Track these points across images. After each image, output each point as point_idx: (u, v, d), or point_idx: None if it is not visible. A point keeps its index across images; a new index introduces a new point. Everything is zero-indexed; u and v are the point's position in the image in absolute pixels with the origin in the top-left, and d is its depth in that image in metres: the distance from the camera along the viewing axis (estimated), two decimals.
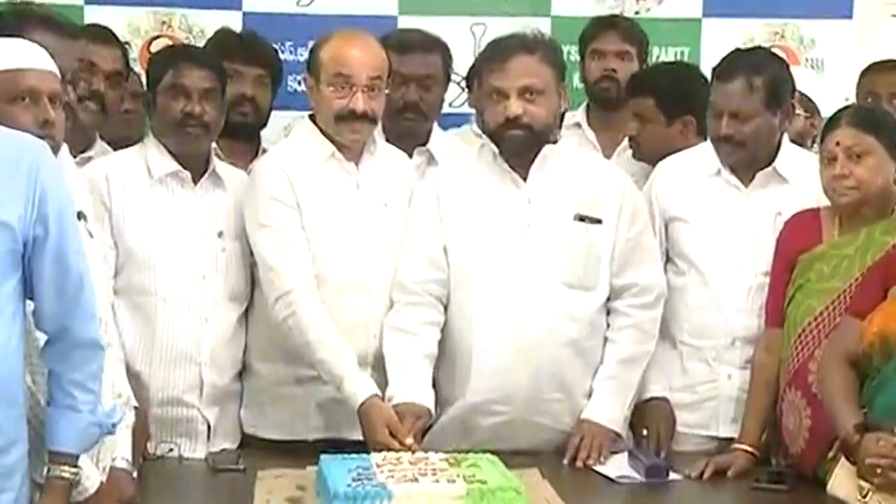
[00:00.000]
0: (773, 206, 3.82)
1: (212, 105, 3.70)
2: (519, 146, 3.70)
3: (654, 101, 4.25)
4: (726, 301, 3.82)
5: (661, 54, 5.25)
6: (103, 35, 4.14)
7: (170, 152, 3.72)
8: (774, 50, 4.62)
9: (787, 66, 3.96)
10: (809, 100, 4.49)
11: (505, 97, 3.65)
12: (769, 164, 3.84)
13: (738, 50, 4.05)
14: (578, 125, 4.58)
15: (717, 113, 3.81)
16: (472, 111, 4.74)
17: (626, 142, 4.49)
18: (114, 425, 2.85)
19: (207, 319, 3.70)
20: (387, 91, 3.79)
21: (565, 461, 3.64)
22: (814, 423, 3.45)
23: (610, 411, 3.73)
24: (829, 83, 5.25)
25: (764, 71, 3.78)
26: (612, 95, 4.53)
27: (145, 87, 3.87)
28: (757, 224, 3.83)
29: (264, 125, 4.35)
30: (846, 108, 3.79)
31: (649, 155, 4.20)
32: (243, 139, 4.24)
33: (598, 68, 4.53)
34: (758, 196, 3.85)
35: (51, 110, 2.91)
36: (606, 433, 3.70)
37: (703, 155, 3.92)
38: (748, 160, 3.83)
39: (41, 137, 2.83)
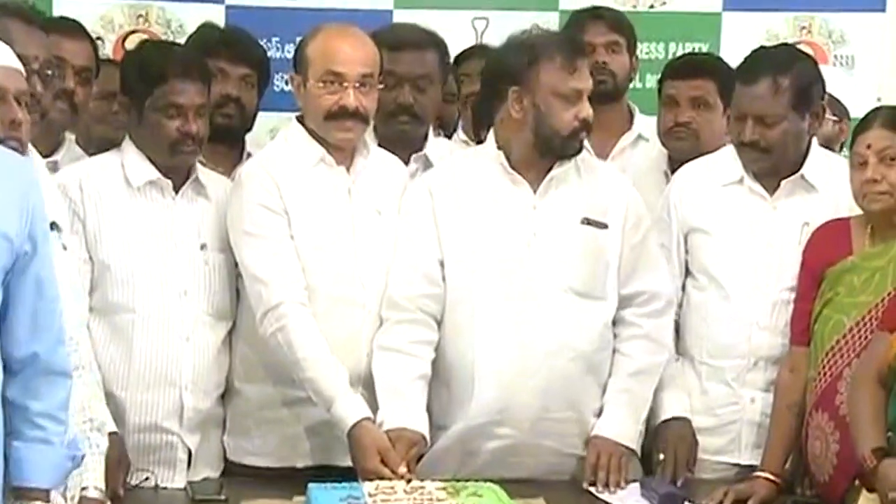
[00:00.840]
0: (801, 216, 3.82)
1: (204, 119, 3.71)
2: (576, 152, 3.76)
3: (717, 85, 4.25)
4: (749, 318, 3.82)
5: (679, 51, 5.26)
6: (71, 28, 4.13)
7: (150, 160, 3.71)
8: (801, 46, 4.63)
9: (816, 64, 3.95)
10: (838, 102, 4.49)
11: (580, 100, 3.70)
12: (796, 170, 3.83)
13: (761, 48, 4.03)
14: None
15: (740, 116, 3.79)
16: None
17: (623, 143, 4.51)
18: (83, 457, 2.85)
19: (189, 339, 3.70)
20: (380, 86, 3.79)
21: (585, 485, 3.64)
22: (842, 448, 3.44)
23: (622, 426, 3.74)
24: (860, 82, 5.26)
25: (791, 70, 3.76)
26: (610, 89, 4.49)
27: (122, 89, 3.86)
28: (782, 235, 3.82)
29: (249, 128, 4.33)
30: (878, 108, 3.80)
31: (705, 144, 4.19)
32: (227, 143, 4.21)
33: (588, 63, 4.47)
34: (784, 205, 3.84)
35: (18, 110, 2.92)
36: (622, 450, 3.70)
37: (724, 161, 3.92)
38: (774, 167, 3.82)
39: (3, 140, 2.85)
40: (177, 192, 3.74)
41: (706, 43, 5.27)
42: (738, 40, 5.10)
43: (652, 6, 5.27)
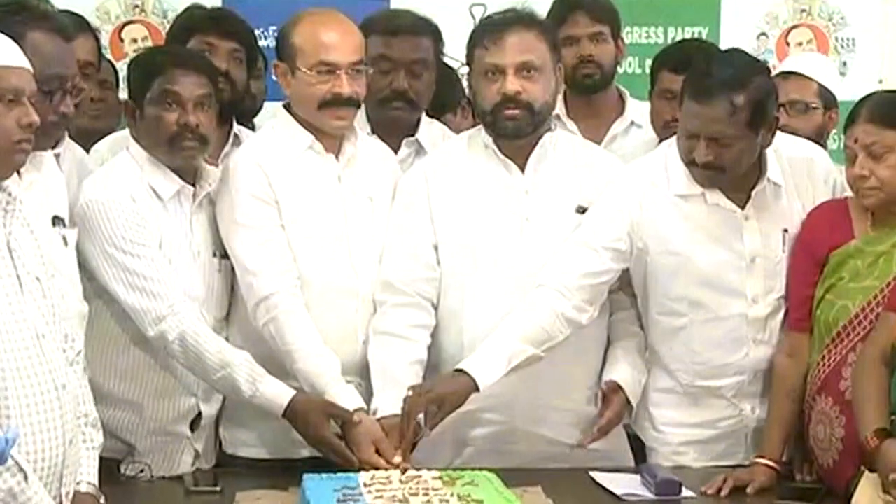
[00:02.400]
0: (778, 223, 3.69)
1: (207, 115, 3.67)
2: (517, 127, 3.69)
3: None
4: (743, 336, 3.71)
5: (678, 35, 5.25)
6: (76, 23, 4.12)
7: (166, 165, 3.67)
8: (802, 29, 4.61)
9: (769, 73, 3.81)
10: (827, 91, 4.40)
11: (501, 74, 3.65)
12: (759, 175, 3.67)
13: (710, 58, 3.77)
14: (558, 117, 4.37)
15: (691, 135, 3.58)
16: None
17: (615, 130, 4.47)
18: (7, 440, 2.65)
19: None
20: (369, 70, 3.78)
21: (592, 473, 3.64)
22: (847, 433, 3.42)
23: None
24: (861, 64, 5.23)
25: (746, 87, 3.54)
26: (597, 81, 4.47)
27: (117, 85, 3.84)
28: (764, 246, 3.68)
29: (238, 106, 4.26)
30: (866, 99, 3.66)
31: None
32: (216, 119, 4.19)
33: (573, 55, 4.41)
34: (757, 215, 3.68)
35: (33, 112, 2.90)
36: None
37: (674, 168, 3.69)
38: (728, 183, 3.65)
39: (18, 142, 2.86)
40: (194, 199, 3.71)
41: (706, 27, 5.27)
42: (737, 24, 5.08)
43: None
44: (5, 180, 2.88)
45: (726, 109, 3.51)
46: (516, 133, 3.70)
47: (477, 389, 3.53)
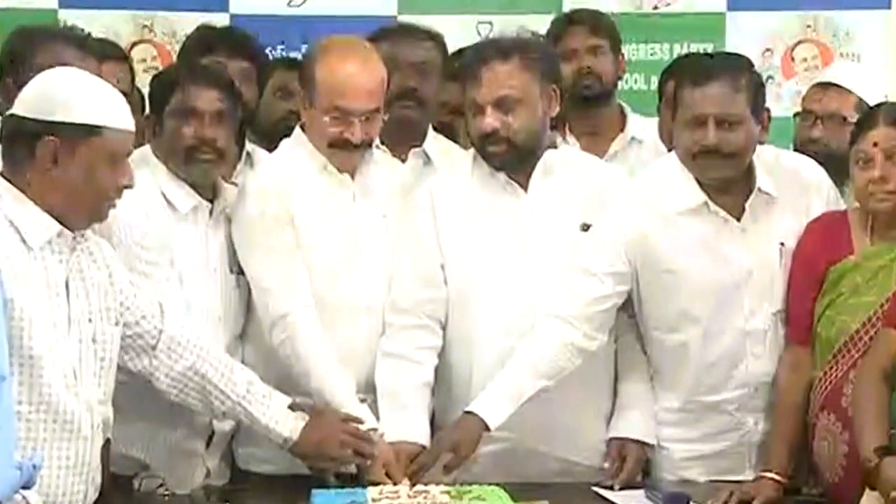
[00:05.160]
0: (775, 237, 3.70)
1: (225, 130, 3.69)
2: (502, 161, 3.71)
3: None
4: (743, 350, 3.71)
5: (683, 52, 5.26)
6: (109, 50, 4.18)
7: (183, 180, 3.71)
8: (807, 45, 4.61)
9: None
10: (868, 106, 4.36)
11: (480, 111, 3.67)
12: (750, 186, 3.68)
13: (699, 53, 3.91)
14: (563, 134, 4.41)
15: (698, 121, 3.59)
16: None
17: (616, 146, 4.50)
18: (35, 466, 2.65)
19: None
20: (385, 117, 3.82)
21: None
22: (851, 450, 3.41)
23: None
24: (867, 79, 5.25)
25: (744, 69, 3.66)
26: (597, 92, 4.51)
27: (142, 110, 3.88)
28: (761, 260, 3.69)
29: (250, 123, 4.30)
30: (882, 104, 3.74)
31: None
32: None
33: (572, 68, 4.45)
34: (754, 227, 3.69)
35: (132, 173, 3.02)
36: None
37: (674, 184, 3.71)
38: (731, 178, 3.65)
39: (111, 201, 3.00)
40: (210, 215, 3.74)
41: (711, 43, 5.26)
42: (742, 40, 5.09)
43: (656, 7, 5.29)
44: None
45: (731, 86, 3.57)
46: (503, 166, 3.72)
47: (488, 429, 3.57)
